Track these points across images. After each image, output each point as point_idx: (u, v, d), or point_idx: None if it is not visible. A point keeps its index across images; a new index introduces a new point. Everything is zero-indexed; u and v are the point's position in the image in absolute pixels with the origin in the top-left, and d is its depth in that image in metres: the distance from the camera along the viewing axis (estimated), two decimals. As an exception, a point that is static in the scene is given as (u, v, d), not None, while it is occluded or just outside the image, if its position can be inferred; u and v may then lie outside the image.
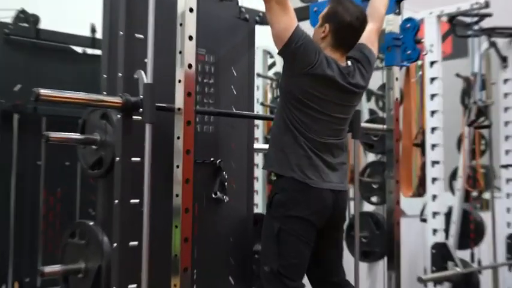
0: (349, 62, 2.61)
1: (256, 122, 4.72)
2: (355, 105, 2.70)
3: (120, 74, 2.31)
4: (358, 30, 2.57)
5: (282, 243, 2.48)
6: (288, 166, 2.51)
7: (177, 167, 2.20)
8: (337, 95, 2.54)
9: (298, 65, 2.45)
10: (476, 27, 4.62)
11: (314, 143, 2.52)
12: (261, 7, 2.65)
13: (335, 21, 2.54)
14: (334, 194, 2.57)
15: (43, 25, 3.58)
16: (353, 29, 2.55)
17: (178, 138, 2.17)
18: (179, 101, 2.16)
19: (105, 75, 2.58)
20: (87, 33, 3.80)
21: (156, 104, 2.26)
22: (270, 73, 5.78)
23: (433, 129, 4.51)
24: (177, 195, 2.21)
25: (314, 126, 2.52)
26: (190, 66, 2.15)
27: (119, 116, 2.30)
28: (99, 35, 3.43)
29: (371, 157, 5.46)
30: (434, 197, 4.49)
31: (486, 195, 5.48)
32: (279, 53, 2.52)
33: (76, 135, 2.54)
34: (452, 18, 4.77)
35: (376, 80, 4.10)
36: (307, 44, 2.43)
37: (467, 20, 4.67)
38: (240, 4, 3.26)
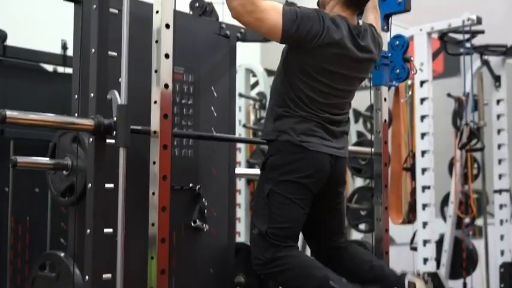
0: (360, 22, 2.62)
1: (239, 145, 4.72)
2: (362, 78, 2.71)
3: (92, 95, 2.28)
4: None
5: (273, 206, 2.46)
6: (283, 130, 2.49)
7: (153, 194, 2.17)
8: (346, 63, 2.52)
9: (305, 43, 2.41)
10: (468, 44, 4.66)
11: (316, 116, 2.50)
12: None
13: None
14: (333, 159, 2.56)
15: (11, 41, 3.55)
16: None
17: (154, 163, 2.14)
18: (155, 123, 2.14)
19: (76, 96, 2.55)
20: (58, 50, 3.78)
21: (131, 127, 2.23)
22: (253, 93, 5.78)
23: (424, 152, 4.53)
24: (152, 224, 2.18)
25: (319, 99, 2.50)
26: (166, 86, 2.13)
27: (91, 139, 2.27)
28: (70, 52, 3.40)
29: (359, 182, 5.48)
30: (424, 224, 4.49)
31: (479, 222, 5.50)
32: (280, 42, 2.49)
33: (46, 160, 2.51)
34: (443, 35, 4.82)
35: (363, 101, 4.11)
36: (305, 21, 2.39)
37: (459, 37, 4.71)
38: (220, 20, 3.26)
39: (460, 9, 4.99)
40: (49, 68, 3.83)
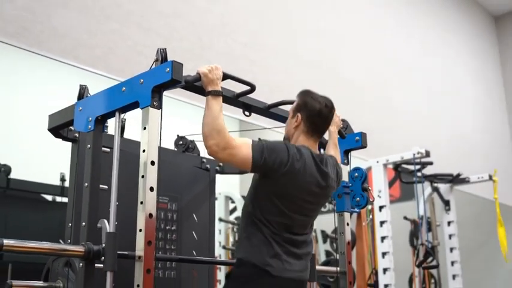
0: (322, 150, 2.60)
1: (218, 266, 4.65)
2: (323, 202, 2.65)
3: (83, 223, 2.25)
4: (327, 116, 2.62)
5: None
6: (251, 252, 2.41)
7: (137, 314, 2.09)
8: (308, 189, 2.49)
9: (272, 171, 2.40)
10: (419, 174, 4.74)
11: (280, 237, 2.43)
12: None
13: (306, 109, 2.58)
14: (295, 284, 2.47)
15: (14, 174, 3.54)
16: (323, 115, 2.60)
17: (138, 286, 2.08)
18: (139, 249, 2.09)
19: (70, 224, 2.53)
20: (57, 181, 3.77)
21: (118, 252, 2.19)
22: (232, 217, 5.76)
23: (385, 269, 4.48)
24: None
25: (283, 221, 2.45)
26: (151, 215, 2.11)
27: (81, 264, 2.21)
28: (68, 184, 3.40)
29: (328, 297, 5.35)
30: (390, 338, 4.37)
31: (439, 334, 5.37)
32: (251, 171, 2.48)
33: (39, 283, 2.43)
34: (397, 166, 4.91)
35: (330, 223, 4.10)
36: (270, 152, 2.40)
37: (411, 167, 4.79)
38: (201, 155, 3.30)
39: (411, 143, 5.12)
40: (48, 197, 3.81)
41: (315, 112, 2.58)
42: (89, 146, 2.34)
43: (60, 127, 2.64)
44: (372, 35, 7.06)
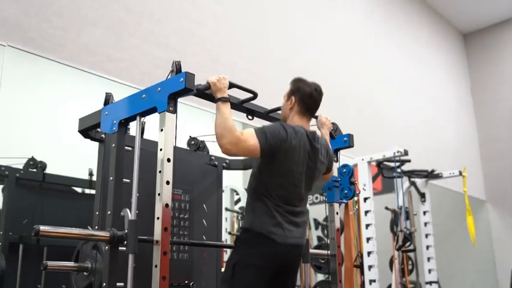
0: (315, 129, 2.63)
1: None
2: (317, 175, 2.63)
3: (109, 212, 2.25)
4: (317, 98, 2.63)
5: (236, 276, 2.31)
6: (257, 223, 2.39)
7: (155, 291, 2.09)
8: (304, 162, 2.48)
9: (276, 150, 2.39)
10: (398, 170, 4.73)
11: (282, 208, 2.42)
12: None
13: (299, 92, 2.59)
14: (296, 248, 2.46)
15: (50, 169, 3.54)
16: (314, 97, 2.61)
17: (156, 266, 2.07)
18: (157, 234, 2.09)
19: (97, 212, 2.53)
20: (85, 176, 3.76)
21: (139, 237, 2.19)
22: (236, 207, 5.75)
23: (369, 253, 4.47)
24: (154, 316, 2.08)
25: (284, 193, 2.44)
26: (167, 205, 2.11)
27: (107, 247, 2.21)
28: (95, 178, 3.40)
29: (320, 277, 5.34)
30: (373, 310, 4.36)
31: (416, 307, 5.37)
32: (261, 157, 2.44)
33: (70, 264, 2.43)
34: (379, 163, 4.89)
35: (321, 212, 4.09)
36: (272, 135, 2.39)
37: (392, 164, 4.78)
38: (210, 153, 3.30)
39: (392, 143, 5.12)
40: (78, 190, 3.81)
41: (306, 95, 2.59)
42: (113, 145, 2.34)
43: (88, 129, 2.64)
44: (358, 49, 7.06)
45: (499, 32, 10.12)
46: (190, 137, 3.35)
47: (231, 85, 2.48)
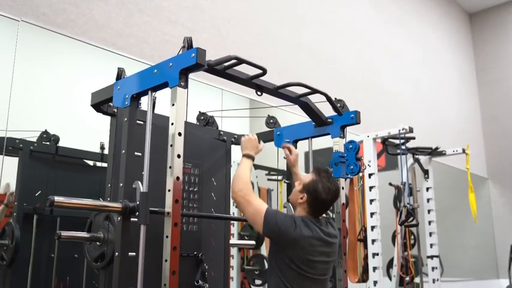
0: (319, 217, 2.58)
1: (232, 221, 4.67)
2: (332, 261, 2.59)
3: (121, 184, 2.26)
4: (330, 204, 2.58)
5: None
6: None
7: (166, 261, 2.11)
8: (319, 250, 2.45)
9: (282, 236, 2.38)
10: (403, 147, 4.71)
11: None
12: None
13: (313, 195, 2.52)
14: None
15: (62, 143, 3.55)
16: (326, 204, 2.56)
17: (167, 237, 2.09)
18: (168, 206, 2.10)
19: (109, 185, 2.54)
20: (97, 149, 3.77)
21: (150, 209, 2.20)
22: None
23: (373, 227, 4.49)
24: (164, 285, 2.10)
25: (304, 283, 2.42)
26: (178, 178, 2.12)
27: (119, 218, 2.23)
28: (106, 151, 3.41)
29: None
30: (375, 282, 4.39)
31: (417, 280, 5.39)
32: (263, 234, 2.45)
33: (83, 234, 2.45)
34: (384, 140, 4.87)
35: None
36: (281, 217, 2.40)
37: (397, 141, 4.77)
38: (219, 128, 3.30)
39: (397, 121, 5.09)
40: (90, 163, 3.82)
41: (319, 201, 2.52)
42: (125, 119, 2.34)
43: (101, 103, 2.64)
44: (366, 29, 6.98)
45: (505, 12, 9.97)
46: (199, 112, 3.34)
47: (241, 61, 2.46)
